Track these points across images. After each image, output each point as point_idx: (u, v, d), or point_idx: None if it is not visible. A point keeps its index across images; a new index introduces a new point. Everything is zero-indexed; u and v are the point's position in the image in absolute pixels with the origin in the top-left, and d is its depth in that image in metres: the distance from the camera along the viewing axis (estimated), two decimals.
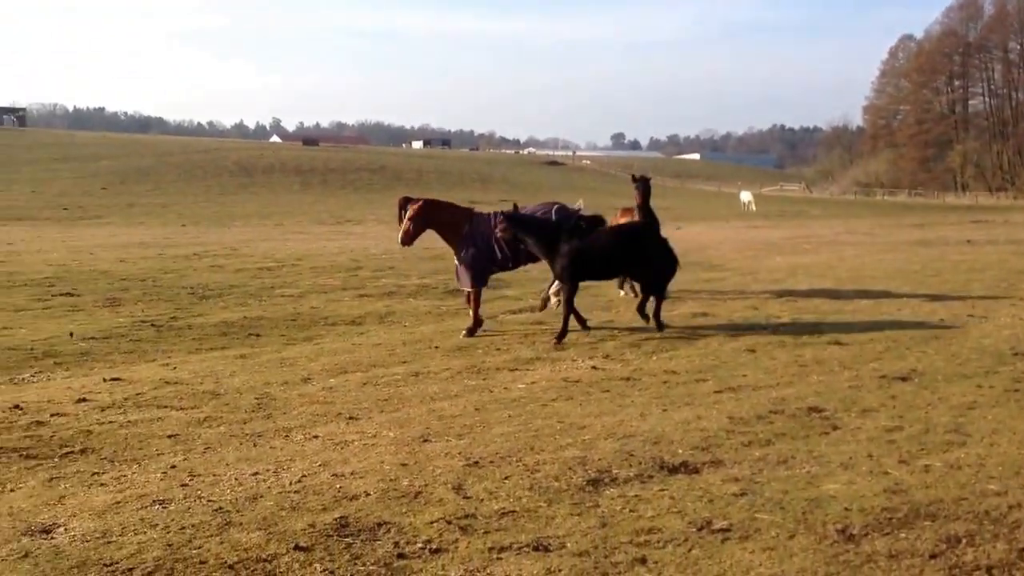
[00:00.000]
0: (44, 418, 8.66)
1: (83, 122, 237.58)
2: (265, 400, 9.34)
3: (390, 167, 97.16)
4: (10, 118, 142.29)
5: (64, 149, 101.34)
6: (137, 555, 5.21)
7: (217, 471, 6.88)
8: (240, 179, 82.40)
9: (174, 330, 14.09)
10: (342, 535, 5.45)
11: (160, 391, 9.82)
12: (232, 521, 5.73)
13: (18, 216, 52.38)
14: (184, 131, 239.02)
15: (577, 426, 7.91)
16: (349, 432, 7.95)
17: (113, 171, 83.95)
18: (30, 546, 5.43)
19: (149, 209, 58.71)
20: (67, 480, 6.82)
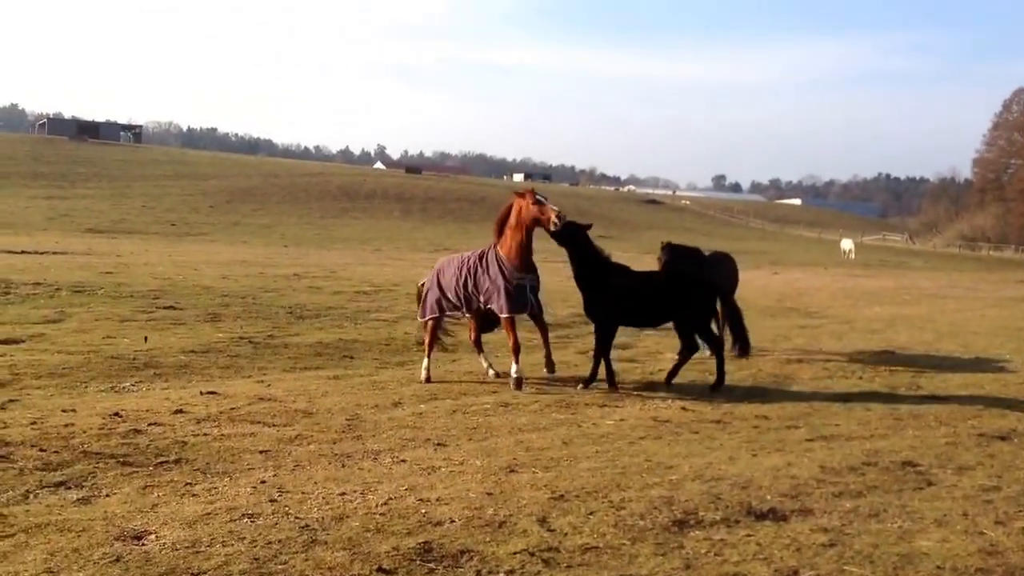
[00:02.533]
0: (142, 427, 8.91)
1: (195, 141, 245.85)
2: (355, 422, 9.46)
3: (490, 198, 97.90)
4: (127, 135, 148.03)
5: (176, 167, 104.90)
6: (224, 567, 5.31)
7: (305, 489, 6.98)
8: (342, 203, 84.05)
9: (271, 348, 14.38)
10: (425, 560, 5.47)
11: (254, 407, 10.03)
12: (318, 539, 5.80)
13: (129, 230, 54.38)
14: (291, 154, 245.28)
15: (664, 466, 7.82)
16: (436, 458, 8.00)
17: (221, 190, 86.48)
18: (122, 551, 5.57)
19: (253, 229, 60.29)
20: (161, 489, 7.00)
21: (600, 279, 11.83)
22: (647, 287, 11.96)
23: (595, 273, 11.85)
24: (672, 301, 11.78)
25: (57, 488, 6.93)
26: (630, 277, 11.98)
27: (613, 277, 11.85)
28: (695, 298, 11.85)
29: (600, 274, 11.84)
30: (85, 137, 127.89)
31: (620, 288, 11.76)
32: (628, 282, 11.87)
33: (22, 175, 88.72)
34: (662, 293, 11.84)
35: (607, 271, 11.86)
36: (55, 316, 16.76)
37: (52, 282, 21.79)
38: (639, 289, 11.87)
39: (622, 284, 11.81)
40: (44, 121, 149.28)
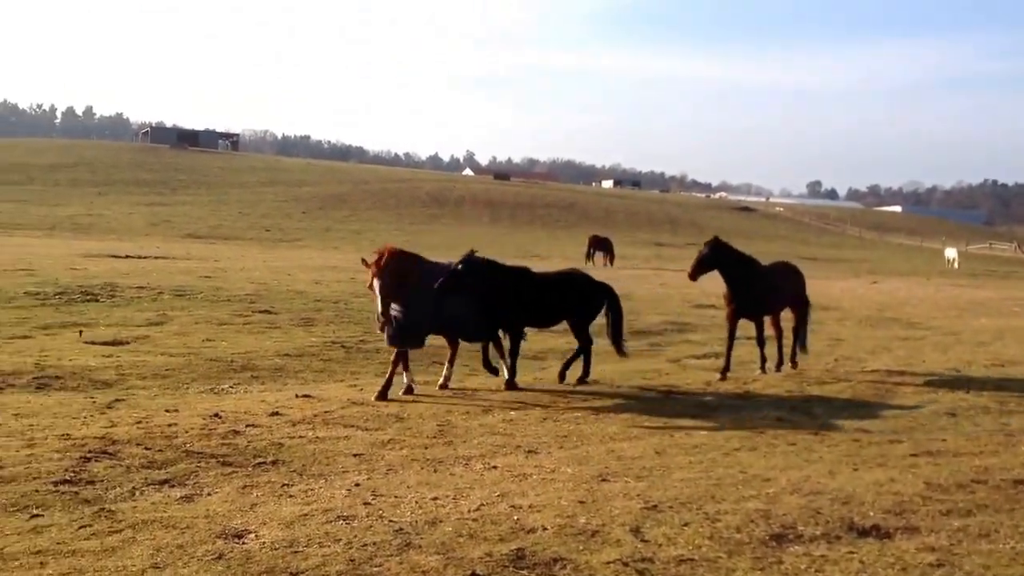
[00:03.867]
0: (240, 428, 9.11)
1: (290, 148, 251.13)
2: (446, 427, 9.51)
3: (579, 205, 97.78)
4: (224, 143, 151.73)
5: (271, 174, 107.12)
6: (321, 567, 5.38)
7: (399, 493, 7.04)
8: (431, 209, 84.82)
9: (363, 352, 14.57)
10: (518, 567, 5.46)
11: (347, 410, 10.17)
12: (411, 543, 5.84)
13: (225, 235, 55.74)
14: (381, 160, 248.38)
15: (761, 478, 7.67)
16: (527, 465, 7.99)
17: (313, 196, 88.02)
18: (224, 548, 5.70)
19: (344, 235, 61.21)
20: (259, 489, 7.13)
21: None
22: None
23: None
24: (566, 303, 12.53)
25: (161, 486, 7.13)
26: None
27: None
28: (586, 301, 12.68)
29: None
30: (185, 145, 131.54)
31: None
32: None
33: (126, 182, 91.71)
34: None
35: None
36: (157, 319, 17.26)
37: (155, 286, 22.44)
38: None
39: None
40: (147, 130, 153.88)
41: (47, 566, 5.31)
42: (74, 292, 20.45)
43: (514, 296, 12.04)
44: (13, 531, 5.94)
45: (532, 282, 12.46)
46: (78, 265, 28.40)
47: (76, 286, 21.45)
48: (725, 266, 13.16)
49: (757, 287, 13.30)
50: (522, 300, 12.12)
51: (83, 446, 8.08)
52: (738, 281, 13.20)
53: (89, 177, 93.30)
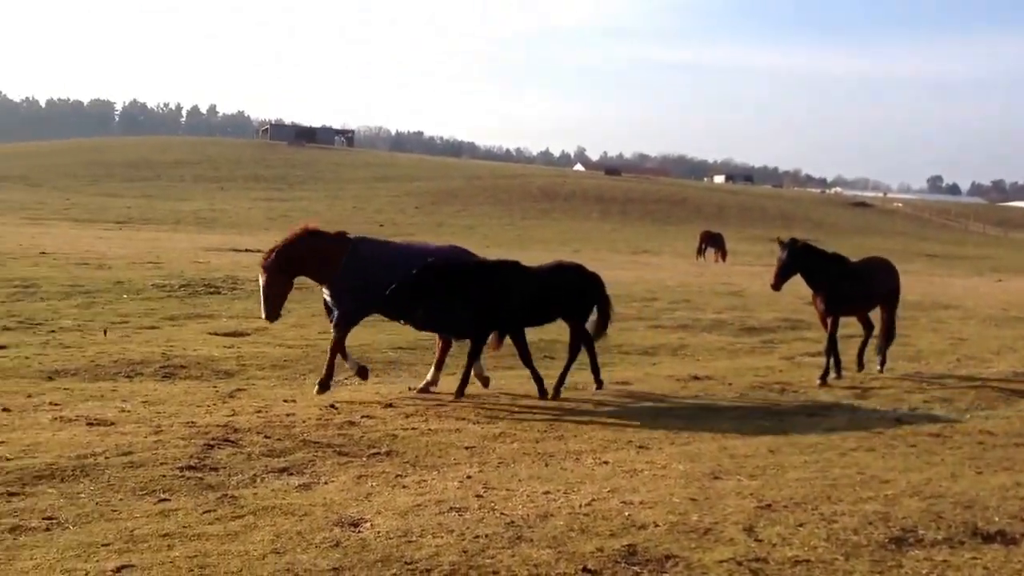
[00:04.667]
0: (355, 419, 9.31)
1: (403, 145, 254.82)
2: (557, 421, 9.55)
3: (691, 200, 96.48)
4: (340, 139, 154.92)
5: (384, 169, 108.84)
6: (435, 557, 5.47)
7: (510, 486, 7.10)
8: (542, 205, 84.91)
9: None
10: (630, 563, 5.46)
11: (459, 403, 10.29)
12: (523, 536, 5.89)
13: (341, 230, 56.91)
14: (493, 156, 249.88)
15: (879, 479, 7.48)
16: (639, 461, 7.97)
17: (426, 192, 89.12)
18: (340, 536, 5.84)
19: (456, 229, 61.79)
20: (374, 479, 7.29)
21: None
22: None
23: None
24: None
25: (281, 474, 7.34)
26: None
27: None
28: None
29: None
30: (303, 142, 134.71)
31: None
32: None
33: (246, 178, 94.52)
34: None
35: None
36: None
37: None
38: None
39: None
40: (267, 127, 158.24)
41: (174, 548, 5.53)
42: (198, 285, 21.19)
43: (499, 292, 10.88)
44: (142, 514, 6.20)
45: (521, 276, 11.26)
46: (201, 258, 29.41)
47: (200, 279, 22.21)
48: (809, 268, 12.46)
49: (845, 285, 12.63)
50: (509, 296, 10.94)
51: (207, 433, 8.37)
52: (826, 281, 12.50)
53: (212, 173, 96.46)
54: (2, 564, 5.21)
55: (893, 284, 13.58)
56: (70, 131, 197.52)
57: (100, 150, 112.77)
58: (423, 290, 10.39)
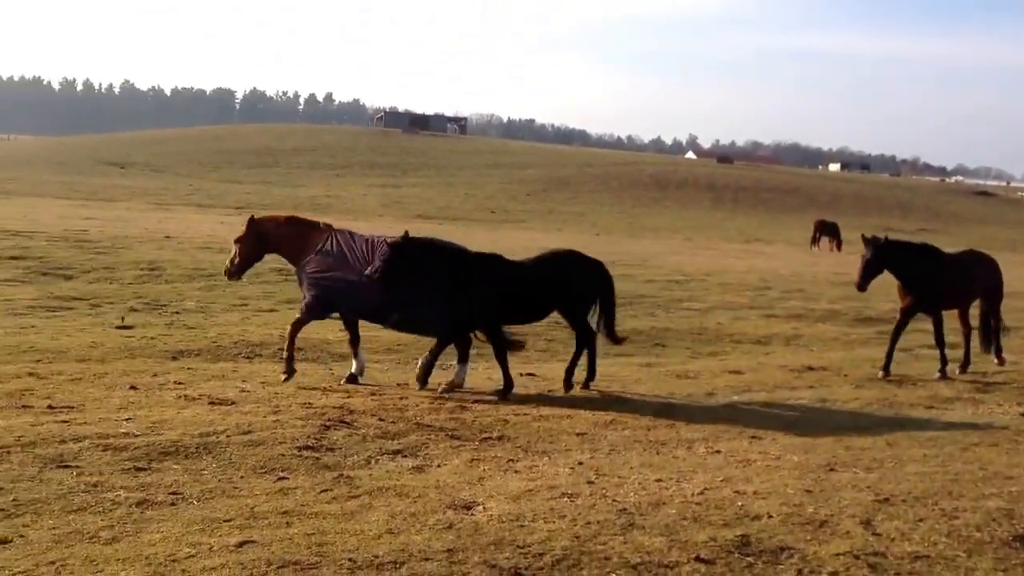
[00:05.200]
0: (467, 404, 9.39)
1: (514, 132, 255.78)
2: (668, 410, 9.46)
3: (804, 189, 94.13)
4: (453, 126, 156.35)
5: (496, 157, 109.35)
6: (547, 542, 5.48)
7: (622, 473, 7.07)
8: (653, 193, 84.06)
9: None
10: (744, 553, 5.38)
11: (570, 390, 10.27)
12: (635, 523, 5.86)
13: (453, 216, 57.46)
14: (604, 144, 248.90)
15: (1003, 476, 7.20)
16: (752, 451, 7.84)
17: (537, 179, 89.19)
18: (454, 519, 5.91)
19: (567, 217, 61.73)
20: (486, 463, 7.34)
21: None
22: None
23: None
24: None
25: (395, 456, 7.46)
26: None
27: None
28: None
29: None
30: (416, 129, 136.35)
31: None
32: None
33: (361, 165, 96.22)
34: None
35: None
36: None
37: None
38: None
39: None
40: (381, 115, 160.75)
41: (293, 526, 5.67)
42: None
43: (470, 281, 10.07)
44: (262, 491, 6.38)
45: (496, 267, 10.40)
46: None
47: None
48: (898, 264, 11.82)
49: (939, 279, 11.98)
50: (482, 288, 10.10)
51: (323, 415, 8.56)
52: (916, 275, 11.88)
53: (328, 160, 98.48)
54: (130, 536, 5.43)
55: (993, 279, 12.80)
56: (193, 119, 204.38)
57: (222, 138, 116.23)
58: (392, 272, 9.73)
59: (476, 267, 10.15)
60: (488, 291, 10.06)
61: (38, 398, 8.73)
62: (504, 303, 10.17)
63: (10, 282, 16.96)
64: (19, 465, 6.65)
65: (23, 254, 20.62)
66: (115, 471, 6.65)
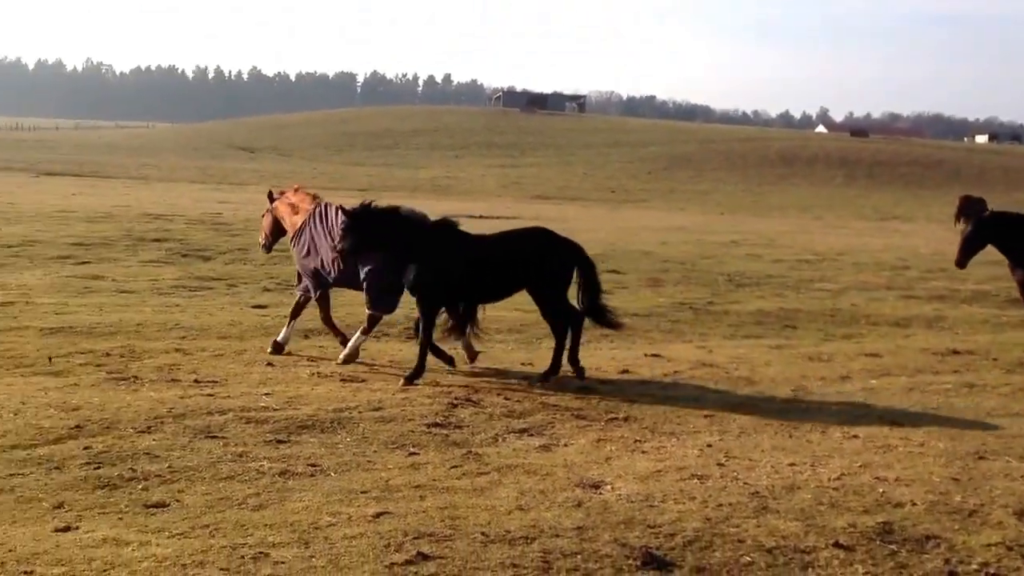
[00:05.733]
0: (592, 384, 9.36)
1: (635, 109, 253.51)
2: (801, 393, 9.24)
3: (948, 162, 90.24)
4: (571, 105, 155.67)
5: (616, 135, 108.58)
6: (677, 523, 5.43)
7: (753, 456, 6.94)
8: (780, 169, 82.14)
9: (711, 314, 14.45)
10: (885, 541, 5.22)
11: (696, 371, 10.15)
12: (768, 507, 5.75)
13: (572, 196, 57.39)
14: (728, 119, 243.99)
15: None
16: (892, 436, 7.58)
17: (658, 157, 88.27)
18: (582, 497, 5.91)
19: (689, 196, 60.95)
20: (612, 443, 7.31)
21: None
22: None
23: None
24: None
25: (521, 434, 7.51)
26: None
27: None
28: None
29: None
30: (535, 109, 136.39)
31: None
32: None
33: (479, 145, 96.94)
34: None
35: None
36: None
37: None
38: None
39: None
40: (499, 95, 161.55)
41: (425, 499, 5.77)
42: None
43: (426, 258, 9.46)
44: (395, 466, 6.51)
45: (457, 243, 9.74)
46: None
47: None
48: (1004, 237, 11.05)
49: None
50: (437, 264, 9.47)
51: (449, 393, 8.69)
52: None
53: (447, 141, 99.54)
54: (275, 504, 5.64)
55: None
56: (316, 103, 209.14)
57: (344, 121, 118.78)
58: (353, 243, 9.39)
59: (433, 240, 9.60)
60: (444, 265, 9.48)
61: (185, 372, 9.15)
62: (463, 279, 9.58)
63: (155, 263, 17.74)
64: (171, 435, 7.00)
65: (165, 236, 21.55)
66: (258, 442, 6.92)
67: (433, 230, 9.70)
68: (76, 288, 14.49)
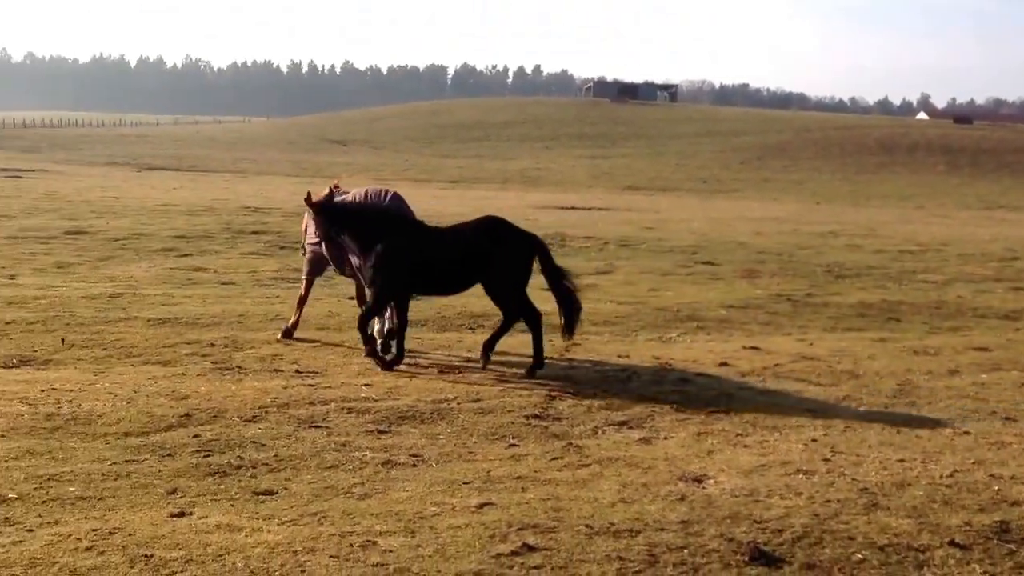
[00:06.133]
0: (689, 376, 9.28)
1: (727, 98, 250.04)
2: (907, 387, 9.00)
3: None
4: (663, 94, 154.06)
5: (708, 124, 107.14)
6: (785, 519, 5.34)
7: (859, 451, 6.79)
8: (880, 158, 79.93)
9: (810, 306, 14.17)
10: (1003, 540, 5.06)
11: (797, 364, 9.96)
12: (879, 504, 5.62)
13: (663, 187, 56.94)
14: (824, 107, 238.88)
15: None
16: (1006, 433, 7.35)
17: (751, 146, 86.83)
18: (685, 491, 5.85)
19: (783, 185, 59.90)
20: (713, 436, 7.22)
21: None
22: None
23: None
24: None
25: (620, 427, 7.47)
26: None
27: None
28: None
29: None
30: (625, 98, 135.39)
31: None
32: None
33: (569, 136, 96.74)
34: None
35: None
36: (605, 268, 18.07)
37: (600, 236, 23.52)
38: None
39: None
40: (590, 85, 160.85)
41: (527, 491, 5.78)
42: None
43: (373, 247, 9.28)
44: (496, 457, 6.55)
45: (406, 233, 9.50)
46: (530, 216, 30.48)
47: None
48: None
49: None
50: (384, 254, 9.24)
51: (545, 385, 8.69)
52: None
53: (537, 132, 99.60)
54: (380, 493, 5.72)
55: None
56: (407, 95, 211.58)
57: (435, 113, 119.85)
58: (325, 232, 9.56)
59: (382, 228, 9.41)
60: (391, 255, 9.25)
61: (286, 363, 9.33)
62: (413, 271, 9.33)
63: (254, 255, 18.15)
64: (276, 424, 7.16)
65: (263, 229, 22.05)
66: (360, 432, 7.03)
67: (387, 220, 9.59)
68: (180, 280, 14.93)
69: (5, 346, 9.69)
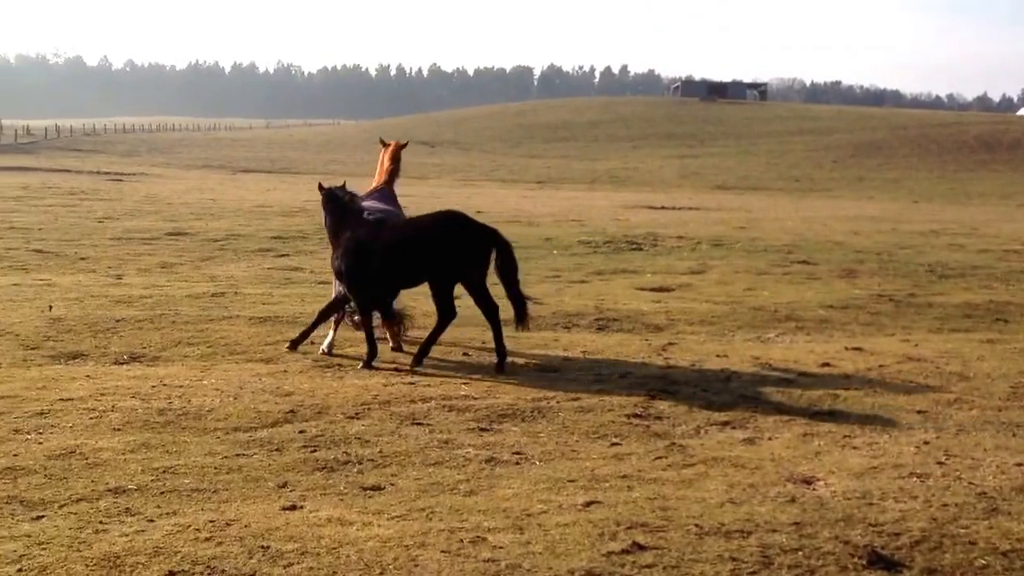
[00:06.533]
0: (791, 377, 9.09)
1: (819, 96, 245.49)
2: (1021, 390, 8.67)
3: None
4: (752, 93, 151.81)
5: (799, 122, 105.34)
6: (901, 522, 5.20)
7: (975, 455, 6.57)
8: (980, 155, 77.55)
9: (913, 307, 13.79)
10: None
11: (903, 366, 9.68)
12: (999, 508, 5.43)
13: (754, 186, 56.15)
14: (920, 104, 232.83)
15: None
16: None
17: (844, 144, 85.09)
18: (795, 492, 5.73)
19: (878, 184, 58.57)
20: (820, 438, 7.07)
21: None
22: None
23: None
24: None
25: (723, 427, 7.36)
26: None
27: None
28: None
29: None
30: (714, 97, 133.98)
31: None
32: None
33: (658, 136, 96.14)
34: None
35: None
36: (698, 267, 17.88)
37: (692, 236, 23.30)
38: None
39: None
40: (678, 84, 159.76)
41: (633, 490, 5.73)
42: (620, 241, 21.96)
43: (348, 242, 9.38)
44: (599, 456, 6.51)
45: (373, 226, 9.50)
46: (620, 216, 30.41)
47: (621, 236, 22.99)
48: None
49: None
50: (357, 248, 9.30)
51: (644, 384, 8.60)
52: None
53: (624, 132, 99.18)
54: (485, 490, 5.73)
55: None
56: (494, 97, 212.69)
57: (522, 114, 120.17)
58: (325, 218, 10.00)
59: (351, 223, 9.50)
60: (362, 249, 9.25)
61: (385, 361, 9.47)
62: (378, 265, 9.26)
63: None
64: (379, 421, 7.23)
65: None
66: (462, 430, 7.05)
67: (351, 213, 9.62)
68: (278, 280, 15.24)
69: (116, 343, 10.00)
